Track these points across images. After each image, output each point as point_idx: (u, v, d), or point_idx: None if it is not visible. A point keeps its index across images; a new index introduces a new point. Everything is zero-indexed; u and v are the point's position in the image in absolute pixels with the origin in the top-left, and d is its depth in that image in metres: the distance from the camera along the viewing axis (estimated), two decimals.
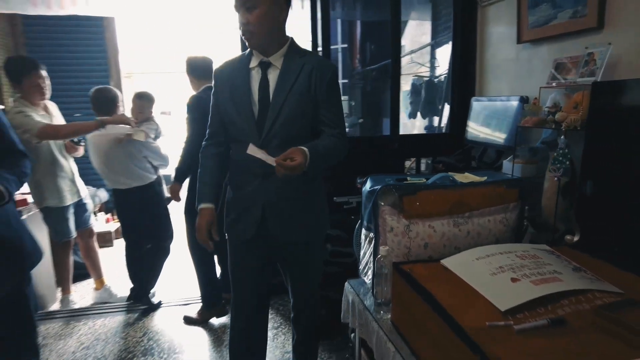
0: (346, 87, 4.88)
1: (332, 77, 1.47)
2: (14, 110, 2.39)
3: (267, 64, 1.45)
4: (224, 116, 1.52)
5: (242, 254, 1.60)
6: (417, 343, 1.18)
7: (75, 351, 2.31)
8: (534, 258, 1.23)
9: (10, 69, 2.42)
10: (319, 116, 1.47)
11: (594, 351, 0.85)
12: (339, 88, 1.54)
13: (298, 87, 1.42)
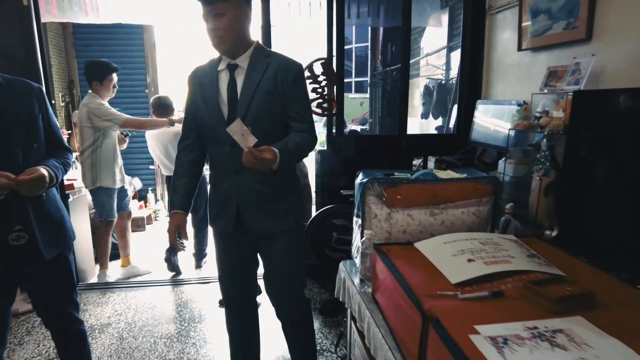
0: (367, 84, 5.07)
1: (296, 74, 1.57)
2: (95, 102, 2.90)
3: (235, 66, 1.56)
4: (197, 119, 1.63)
5: (225, 246, 1.74)
6: (387, 310, 1.39)
7: (110, 316, 2.64)
8: (495, 244, 1.41)
9: (96, 69, 2.92)
10: (288, 112, 1.57)
11: (513, 311, 1.05)
12: (305, 84, 1.65)
13: (264, 86, 1.52)
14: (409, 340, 1.16)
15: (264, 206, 1.62)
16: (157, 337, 2.43)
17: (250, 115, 1.52)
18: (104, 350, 2.28)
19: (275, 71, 1.54)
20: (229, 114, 1.55)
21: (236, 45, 1.53)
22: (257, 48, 1.59)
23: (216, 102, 1.56)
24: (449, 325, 0.99)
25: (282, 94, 1.55)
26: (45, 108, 1.52)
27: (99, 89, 2.97)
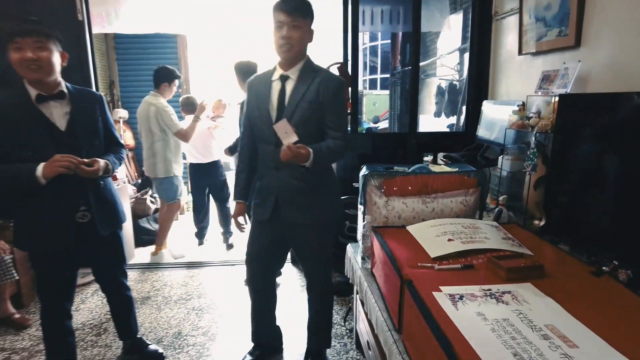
0: (388, 82, 5.28)
1: (337, 89, 1.79)
2: (162, 103, 3.36)
3: (286, 77, 1.79)
4: (251, 120, 1.90)
5: (259, 231, 1.99)
6: (379, 280, 1.66)
7: (149, 291, 3.02)
8: (475, 228, 1.66)
9: (167, 72, 3.39)
10: (325, 121, 1.78)
11: (475, 279, 1.30)
12: (344, 98, 1.89)
13: (308, 96, 1.75)
14: (392, 301, 1.43)
15: (299, 200, 1.84)
16: (190, 308, 2.78)
17: (294, 120, 1.73)
18: (146, 317, 2.65)
19: (319, 84, 1.76)
20: (276, 117, 1.78)
21: (297, 55, 1.77)
22: (307, 62, 1.81)
23: (267, 107, 1.80)
24: (419, 286, 1.25)
25: (323, 104, 1.76)
26: (104, 112, 1.87)
27: (165, 90, 3.39)
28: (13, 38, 1.58)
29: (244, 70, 3.04)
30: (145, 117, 3.33)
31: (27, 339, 2.47)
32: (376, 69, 11.22)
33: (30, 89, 1.66)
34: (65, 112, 1.72)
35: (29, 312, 2.75)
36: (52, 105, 1.69)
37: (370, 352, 1.84)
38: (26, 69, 1.60)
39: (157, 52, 5.03)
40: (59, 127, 1.70)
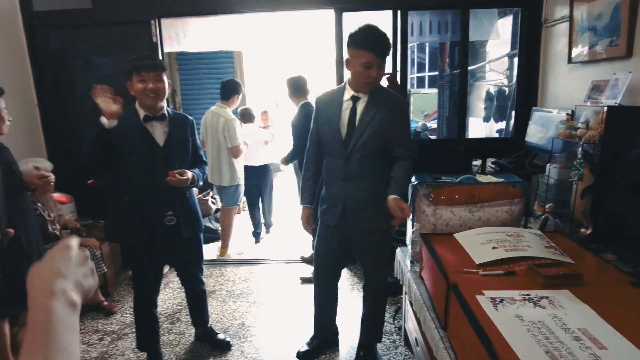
0: (436, 79, 5.37)
1: (403, 109, 2.01)
2: (231, 115, 3.64)
3: (357, 98, 1.96)
4: (320, 134, 2.08)
5: (327, 235, 2.20)
6: (428, 283, 1.82)
7: (214, 285, 3.34)
8: (519, 237, 1.77)
9: (236, 85, 3.67)
10: (392, 138, 1.96)
11: (516, 284, 1.43)
12: (409, 117, 2.05)
13: (378, 116, 1.92)
14: (439, 302, 1.59)
15: (364, 208, 2.03)
16: (251, 302, 3.06)
17: (363, 137, 1.93)
18: (212, 309, 2.95)
19: (388, 105, 1.95)
20: (346, 134, 1.98)
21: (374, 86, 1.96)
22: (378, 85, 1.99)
23: (337, 124, 1.98)
24: (464, 290, 1.41)
25: (391, 125, 1.94)
26: (193, 134, 2.18)
27: (234, 101, 3.67)
28: (140, 72, 1.90)
29: (295, 85, 3.28)
30: (214, 127, 3.60)
31: (114, 323, 2.85)
32: (424, 66, 11.11)
33: (140, 111, 2.00)
34: (164, 131, 2.05)
35: (114, 300, 3.15)
36: (155, 125, 2.03)
37: (418, 348, 2.00)
38: (146, 97, 1.94)
39: (215, 63, 5.41)
40: (158, 143, 2.03)
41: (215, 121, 3.60)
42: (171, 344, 2.57)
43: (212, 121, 3.63)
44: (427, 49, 10.66)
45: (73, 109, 3.64)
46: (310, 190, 2.23)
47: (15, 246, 2.03)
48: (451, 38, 3.74)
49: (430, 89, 10.05)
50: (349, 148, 1.97)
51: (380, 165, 2.04)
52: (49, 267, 0.52)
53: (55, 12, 3.42)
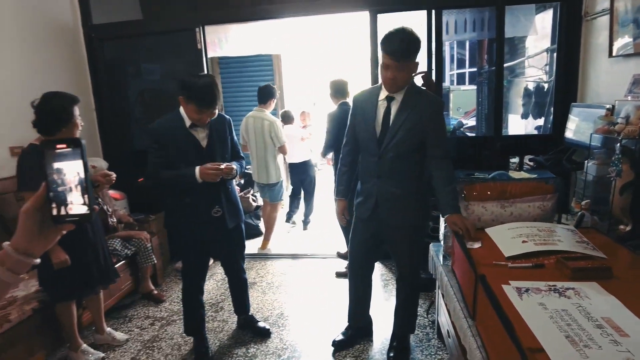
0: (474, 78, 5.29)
1: (436, 109, 2.00)
2: (273, 117, 3.89)
3: (392, 98, 2.02)
4: (356, 132, 2.16)
5: (360, 228, 2.28)
6: (458, 275, 1.88)
7: (255, 278, 3.52)
8: (550, 232, 1.80)
9: (272, 91, 3.89)
10: (427, 139, 1.99)
11: (543, 276, 1.47)
12: (443, 117, 2.07)
13: (411, 117, 1.96)
14: (468, 292, 1.65)
15: (395, 204, 2.10)
16: (290, 294, 3.21)
17: (396, 138, 2.00)
18: (253, 300, 3.12)
19: (421, 106, 1.98)
20: (380, 133, 2.05)
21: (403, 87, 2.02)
22: (411, 86, 2.03)
23: (373, 123, 2.05)
24: (491, 280, 1.46)
25: (424, 125, 1.98)
26: (231, 132, 2.35)
27: (270, 105, 3.90)
28: (201, 108, 2.07)
29: (336, 87, 3.40)
30: (259, 130, 3.82)
31: (164, 311, 3.08)
32: (464, 62, 10.89)
33: (186, 119, 2.17)
34: (206, 134, 2.22)
35: (162, 290, 3.40)
36: (198, 129, 2.20)
37: (449, 340, 2.06)
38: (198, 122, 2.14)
39: (255, 67, 5.63)
40: (202, 145, 2.21)
41: (260, 124, 3.81)
42: (215, 331, 2.76)
43: (255, 124, 3.83)
44: (467, 45, 10.43)
45: (125, 113, 3.94)
46: (345, 184, 2.34)
47: (82, 236, 2.28)
48: (488, 35, 3.72)
49: (470, 86, 9.83)
50: (383, 147, 2.04)
51: (414, 164, 2.08)
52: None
53: (111, 24, 3.72)
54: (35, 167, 2.11)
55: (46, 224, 0.69)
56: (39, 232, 0.68)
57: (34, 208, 0.68)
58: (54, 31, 3.44)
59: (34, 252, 0.69)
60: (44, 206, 0.68)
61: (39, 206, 0.68)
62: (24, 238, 0.68)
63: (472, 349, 1.49)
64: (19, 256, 0.67)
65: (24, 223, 0.68)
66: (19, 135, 2.91)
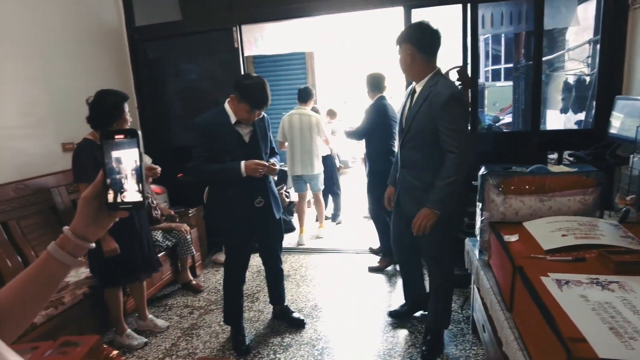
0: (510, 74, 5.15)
1: (447, 100, 1.96)
2: (317, 114, 4.25)
3: (414, 90, 2.15)
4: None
5: (395, 214, 2.43)
6: (495, 269, 1.87)
7: (289, 270, 3.60)
8: (592, 226, 1.75)
9: (311, 92, 4.25)
10: (439, 129, 2.00)
11: (584, 269, 1.45)
12: (455, 107, 2.00)
13: (423, 107, 2.03)
14: (505, 285, 1.64)
15: (413, 194, 2.18)
16: (323, 286, 3.26)
17: (412, 128, 2.09)
18: (287, 291, 3.18)
19: (433, 95, 2.01)
20: (404, 123, 2.16)
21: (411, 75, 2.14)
22: (431, 77, 2.06)
23: (402, 114, 2.21)
24: (529, 272, 1.45)
25: (434, 115, 2.00)
26: (269, 128, 2.44)
27: (309, 104, 4.23)
28: (252, 109, 2.21)
29: (373, 81, 3.41)
30: (306, 126, 4.12)
31: (202, 300, 3.20)
32: (499, 58, 10.62)
33: (231, 115, 2.27)
34: (249, 130, 2.33)
35: (200, 280, 3.52)
36: (242, 126, 2.31)
37: (485, 334, 2.05)
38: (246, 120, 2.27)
39: (288, 64, 5.69)
40: (245, 141, 2.31)
41: (308, 120, 4.12)
42: (251, 320, 2.84)
43: (301, 121, 4.12)
44: (503, 41, 10.16)
45: (165, 110, 4.10)
46: (393, 174, 2.43)
47: (129, 227, 2.41)
48: (526, 28, 3.62)
49: (505, 82, 9.57)
50: (403, 137, 2.15)
51: (432, 155, 2.09)
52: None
53: (152, 26, 3.88)
54: (90, 160, 2.26)
55: (101, 211, 0.72)
56: (95, 218, 0.72)
57: (93, 195, 0.71)
58: (101, 34, 3.63)
59: (90, 236, 0.73)
60: (101, 193, 0.71)
61: (97, 193, 0.71)
62: (82, 223, 0.72)
63: (509, 341, 1.49)
64: (77, 240, 0.71)
65: (83, 209, 0.72)
66: (70, 132, 3.10)
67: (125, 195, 0.71)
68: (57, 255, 0.70)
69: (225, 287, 2.53)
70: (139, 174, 0.71)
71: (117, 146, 0.70)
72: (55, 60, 3.14)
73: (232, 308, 2.55)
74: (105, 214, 0.73)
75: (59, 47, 3.18)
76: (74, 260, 0.72)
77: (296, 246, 4.25)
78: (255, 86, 2.18)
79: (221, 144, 2.26)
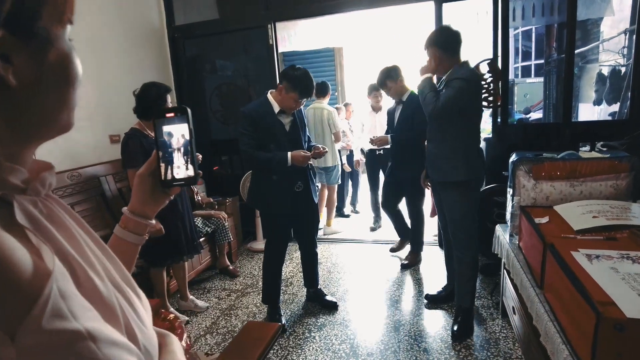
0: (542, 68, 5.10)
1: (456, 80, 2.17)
2: (331, 107, 4.27)
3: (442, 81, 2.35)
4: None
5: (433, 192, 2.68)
6: (525, 250, 1.93)
7: (321, 258, 3.71)
8: (624, 208, 1.80)
9: (327, 85, 4.33)
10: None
11: (615, 246, 1.50)
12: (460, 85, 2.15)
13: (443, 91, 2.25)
14: (535, 263, 1.71)
15: (434, 162, 2.39)
16: (354, 274, 3.37)
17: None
18: (320, 277, 3.30)
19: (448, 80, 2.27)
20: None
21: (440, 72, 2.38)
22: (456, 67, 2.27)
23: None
24: (560, 248, 1.52)
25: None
26: (304, 118, 2.58)
27: (326, 98, 4.31)
28: (302, 96, 2.36)
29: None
30: (319, 118, 4.18)
31: (238, 284, 3.37)
32: (529, 54, 10.43)
33: (275, 105, 2.42)
34: (289, 120, 2.49)
35: (236, 266, 3.69)
36: (284, 116, 2.47)
37: (515, 316, 2.11)
38: (290, 108, 2.42)
39: (317, 61, 5.85)
40: (287, 130, 2.47)
41: (320, 113, 4.15)
42: (286, 302, 2.98)
43: (315, 114, 4.19)
44: (534, 37, 9.98)
45: (203, 105, 4.30)
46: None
47: (173, 209, 2.59)
48: (558, 19, 3.61)
49: (535, 78, 9.42)
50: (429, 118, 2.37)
51: (448, 128, 2.27)
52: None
53: (191, 24, 4.08)
54: (137, 147, 2.45)
55: (157, 188, 0.74)
56: (151, 195, 0.74)
57: (147, 172, 0.73)
58: (145, 33, 3.85)
59: (148, 213, 0.75)
60: (155, 171, 0.73)
61: (151, 171, 0.73)
62: (139, 200, 0.74)
63: (539, 314, 1.56)
64: (136, 218, 0.73)
65: (138, 187, 0.74)
66: (117, 125, 3.32)
67: (178, 172, 0.72)
68: (121, 234, 0.73)
69: (265, 267, 2.67)
70: (190, 150, 0.71)
71: (168, 123, 0.71)
72: (105, 58, 3.36)
73: (270, 288, 2.69)
74: (160, 191, 0.75)
75: (109, 46, 3.41)
76: (137, 238, 0.74)
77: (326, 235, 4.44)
78: (304, 76, 2.33)
79: (266, 132, 2.41)
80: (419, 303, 2.82)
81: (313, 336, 2.54)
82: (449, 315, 2.63)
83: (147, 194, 0.74)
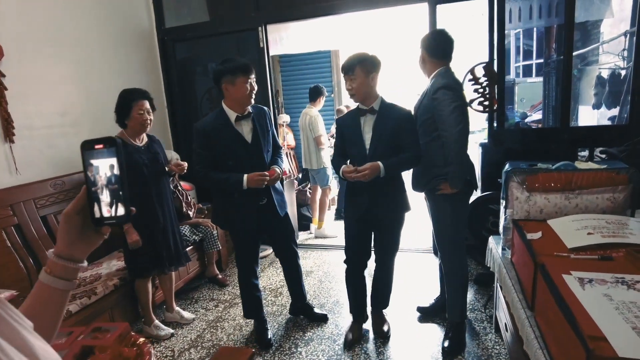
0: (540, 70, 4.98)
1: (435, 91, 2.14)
2: (315, 113, 4.30)
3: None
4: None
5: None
6: (517, 267, 1.84)
7: (312, 267, 3.64)
8: (621, 224, 1.70)
9: (321, 90, 4.36)
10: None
11: (610, 267, 1.41)
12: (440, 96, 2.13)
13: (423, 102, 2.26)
14: (527, 283, 1.62)
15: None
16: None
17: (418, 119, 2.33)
18: (310, 287, 3.23)
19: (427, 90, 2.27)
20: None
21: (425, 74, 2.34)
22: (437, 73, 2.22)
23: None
24: (551, 269, 1.43)
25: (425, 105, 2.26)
26: (271, 123, 2.44)
27: (319, 102, 4.39)
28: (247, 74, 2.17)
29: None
30: (305, 124, 4.32)
31: (227, 294, 3.28)
32: (531, 53, 10.29)
33: (230, 112, 2.24)
34: (251, 128, 2.30)
35: (226, 275, 3.61)
36: (243, 124, 2.29)
37: (507, 333, 2.02)
38: (249, 98, 2.22)
39: (314, 64, 5.73)
40: (248, 141, 2.28)
41: (304, 119, 4.30)
42: (274, 314, 2.90)
43: (304, 120, 4.32)
44: (535, 35, 9.83)
45: (194, 109, 4.22)
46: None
47: (152, 221, 2.50)
48: (557, 21, 3.51)
49: (536, 78, 9.29)
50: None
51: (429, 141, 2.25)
52: None
53: (181, 27, 4.00)
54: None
55: (87, 227, 0.66)
56: (79, 236, 0.66)
57: (75, 210, 0.65)
58: (133, 36, 3.76)
59: (78, 256, 0.67)
60: (84, 209, 0.65)
61: (79, 209, 0.66)
62: (65, 243, 0.66)
63: (529, 339, 1.47)
64: (64, 262, 0.65)
65: (64, 226, 0.66)
66: (104, 131, 3.23)
67: (110, 210, 0.66)
68: (47, 281, 0.64)
69: (241, 282, 2.55)
70: (122, 185, 0.66)
71: (97, 156, 0.65)
72: (91, 61, 3.28)
73: (249, 302, 2.58)
74: (92, 230, 0.67)
75: (95, 49, 3.32)
76: (66, 284, 0.65)
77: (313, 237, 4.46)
78: (228, 59, 2.18)
79: (224, 148, 2.24)
80: (410, 316, 2.73)
81: (299, 351, 2.45)
82: (441, 329, 2.54)
83: (74, 235, 0.66)
